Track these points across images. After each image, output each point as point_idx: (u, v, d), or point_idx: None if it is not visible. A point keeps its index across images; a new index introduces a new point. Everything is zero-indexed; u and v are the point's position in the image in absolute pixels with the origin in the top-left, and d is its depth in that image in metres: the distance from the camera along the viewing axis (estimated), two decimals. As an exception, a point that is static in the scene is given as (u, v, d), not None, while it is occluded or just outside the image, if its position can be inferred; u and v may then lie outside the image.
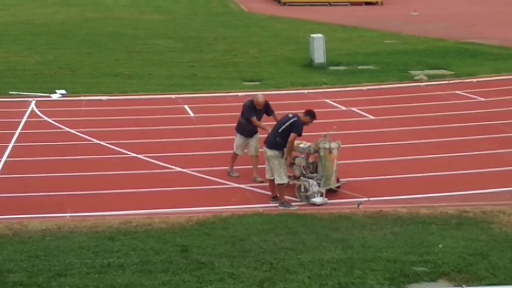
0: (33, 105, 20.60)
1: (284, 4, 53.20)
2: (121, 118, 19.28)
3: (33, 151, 16.10)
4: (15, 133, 17.48)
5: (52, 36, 35.74)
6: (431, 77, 24.84)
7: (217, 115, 19.34)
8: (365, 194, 12.81)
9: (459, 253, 10.22)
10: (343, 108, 20.39)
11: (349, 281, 9.38)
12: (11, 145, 16.50)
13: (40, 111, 19.89)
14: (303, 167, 13.15)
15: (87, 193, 13.31)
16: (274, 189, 12.86)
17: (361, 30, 38.26)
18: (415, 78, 24.85)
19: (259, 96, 14.28)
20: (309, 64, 27.14)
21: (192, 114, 19.74)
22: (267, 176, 12.99)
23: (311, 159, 13.25)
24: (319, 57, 26.85)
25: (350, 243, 10.68)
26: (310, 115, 12.91)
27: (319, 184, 12.82)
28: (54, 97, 21.92)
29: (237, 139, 14.30)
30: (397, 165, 14.95)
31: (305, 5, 52.36)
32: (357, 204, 12.47)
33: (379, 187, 13.54)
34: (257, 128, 14.10)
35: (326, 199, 12.76)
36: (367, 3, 53.03)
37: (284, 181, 12.66)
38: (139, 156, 15.56)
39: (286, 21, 43.34)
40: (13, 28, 38.49)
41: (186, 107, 20.51)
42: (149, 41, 34.36)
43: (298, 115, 12.84)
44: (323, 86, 23.71)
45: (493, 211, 12.08)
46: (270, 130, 13.20)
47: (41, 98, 21.54)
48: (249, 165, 14.18)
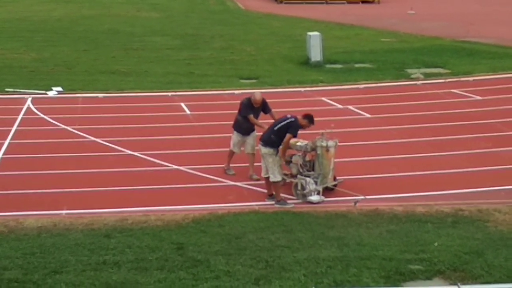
0: (29, 102, 20.57)
1: (281, 2, 53.14)
2: (117, 116, 19.26)
3: (29, 148, 16.08)
4: (11, 130, 17.45)
5: (48, 33, 35.69)
6: (427, 76, 24.86)
7: (213, 112, 19.33)
8: (361, 192, 12.81)
9: (455, 252, 10.23)
10: (340, 106, 20.39)
11: (344, 279, 9.39)
12: (7, 142, 16.47)
13: (36, 108, 19.86)
14: (300, 165, 13.15)
15: (83, 191, 13.30)
16: (270, 187, 12.87)
17: (358, 28, 38.26)
18: (412, 76, 24.87)
19: (256, 94, 14.29)
20: (305, 62, 27.13)
21: (188, 112, 19.73)
22: (263, 174, 13.02)
23: (308, 157, 13.25)
24: (315, 55, 26.85)
25: (346, 241, 10.68)
26: (308, 119, 12.91)
27: (316, 182, 12.82)
28: (50, 94, 21.90)
29: (234, 136, 14.30)
30: (393, 163, 14.96)
31: (301, 3, 52.32)
32: (354, 202, 12.48)
33: (375, 185, 13.54)
34: (254, 126, 14.10)
35: (323, 197, 12.76)
36: (363, 1, 52.97)
37: (278, 179, 12.66)
38: (135, 153, 15.55)
39: (283, 19, 43.32)
40: (9, 25, 38.42)
41: (183, 104, 20.49)
42: (146, 39, 34.33)
43: (296, 117, 12.87)
44: (320, 84, 23.71)
45: (488, 209, 12.10)
46: (267, 128, 13.22)
47: (38, 95, 21.51)
48: (245, 163, 14.18)
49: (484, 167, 14.59)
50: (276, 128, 12.78)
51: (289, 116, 12.94)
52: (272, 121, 13.61)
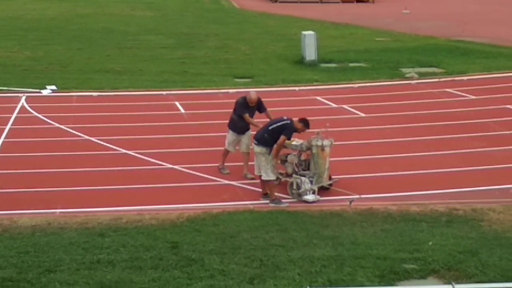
0: (23, 100, 20.51)
1: (275, 1, 53.12)
2: (111, 114, 19.23)
3: (23, 147, 16.04)
4: (5, 128, 17.40)
5: (42, 32, 35.61)
6: (422, 75, 24.87)
7: (208, 111, 19.30)
8: (355, 191, 12.82)
9: (449, 251, 10.25)
10: (334, 105, 20.39)
11: (339, 278, 9.39)
12: (0, 141, 16.43)
13: (30, 106, 19.81)
14: (295, 164, 13.16)
15: (77, 190, 13.27)
16: (265, 186, 12.87)
17: (352, 28, 38.28)
18: (406, 75, 24.89)
19: (251, 93, 14.30)
20: (300, 61, 27.13)
21: (183, 111, 19.71)
22: (256, 172, 13.04)
23: (303, 157, 13.26)
24: (310, 54, 26.85)
25: (340, 240, 10.69)
26: (304, 123, 12.91)
27: (311, 182, 12.82)
28: (45, 92, 21.84)
29: (229, 135, 14.30)
30: (387, 162, 14.97)
31: (296, 2, 52.32)
32: (349, 202, 12.48)
33: (369, 184, 13.55)
34: (249, 125, 14.11)
35: (318, 197, 12.76)
36: (358, 1, 52.94)
37: (270, 177, 12.67)
38: (130, 152, 15.52)
39: (278, 18, 43.31)
40: (3, 24, 38.31)
41: (177, 103, 20.47)
42: (141, 37, 34.28)
43: (292, 119, 12.87)
44: (315, 83, 23.70)
45: (483, 209, 12.12)
46: (261, 126, 13.23)
47: (32, 94, 21.45)
48: (240, 162, 14.18)
49: (478, 167, 14.62)
50: (270, 128, 12.79)
51: (285, 117, 12.95)
52: (268, 120, 13.63)
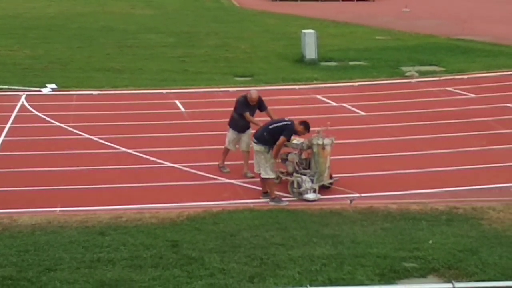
0: (23, 99, 20.51)
1: (275, -1, 53.19)
2: (111, 113, 19.23)
3: (23, 145, 16.03)
4: (5, 127, 17.40)
5: (42, 30, 35.62)
6: (422, 74, 24.88)
7: (208, 110, 19.31)
8: (355, 190, 12.82)
9: (449, 249, 10.25)
10: (334, 104, 20.39)
11: (339, 276, 9.39)
12: (0, 139, 16.43)
13: (30, 105, 19.81)
14: (296, 163, 13.15)
15: (77, 188, 13.27)
16: (265, 184, 12.86)
17: (352, 26, 38.29)
18: (406, 74, 24.89)
19: (252, 92, 14.29)
20: (300, 60, 27.14)
21: (183, 109, 19.71)
22: (256, 170, 13.04)
23: (304, 155, 13.25)
24: (310, 52, 26.86)
25: (340, 239, 10.68)
26: (305, 125, 12.87)
27: (312, 181, 12.82)
28: (45, 91, 21.84)
29: (230, 134, 14.29)
30: (387, 161, 14.97)
31: (296, 0, 52.32)
32: (350, 200, 12.48)
33: (369, 183, 13.55)
34: (249, 123, 14.11)
35: (319, 196, 12.75)
36: (358, -1, 53.06)
37: (269, 175, 12.67)
38: (130, 151, 15.52)
39: (278, 16, 43.32)
40: (3, 22, 38.33)
41: (177, 102, 20.47)
42: (141, 36, 34.29)
43: (293, 121, 12.88)
44: (315, 82, 23.71)
45: (483, 207, 12.12)
46: (262, 125, 13.23)
47: (32, 92, 21.45)
48: (240, 161, 14.18)
49: (478, 165, 14.61)
50: (270, 127, 12.80)
51: (286, 119, 12.99)
52: (269, 119, 13.64)
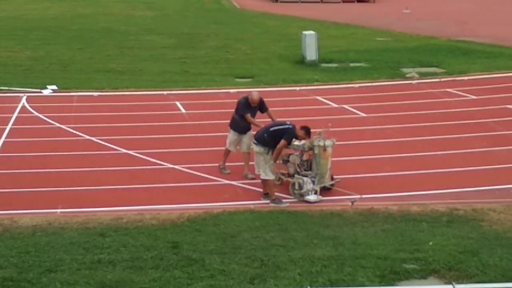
0: (24, 100, 20.52)
1: (276, 1, 53.16)
2: (112, 114, 19.23)
3: (24, 146, 16.04)
4: (5, 128, 17.41)
5: (43, 32, 35.61)
6: (422, 75, 24.87)
7: (208, 111, 19.31)
8: (356, 191, 12.82)
9: (450, 251, 10.25)
10: (335, 105, 20.39)
11: (339, 278, 9.39)
12: (1, 140, 16.43)
13: (31, 106, 19.82)
14: (297, 164, 13.16)
15: (78, 189, 13.27)
16: (265, 185, 12.86)
17: (353, 28, 38.28)
18: (407, 75, 24.88)
19: (253, 93, 14.31)
20: (301, 61, 27.14)
21: (183, 111, 19.71)
22: (256, 171, 13.05)
23: (305, 157, 13.25)
24: (311, 54, 26.85)
25: (341, 240, 10.69)
26: (306, 130, 12.89)
27: (313, 182, 12.82)
28: (45, 92, 21.85)
29: (230, 135, 14.30)
30: (388, 162, 14.97)
31: (297, 2, 52.34)
32: (351, 202, 12.48)
33: (370, 184, 13.54)
34: (250, 125, 14.12)
35: (320, 197, 12.75)
36: (359, 1, 52.97)
37: (269, 177, 12.67)
38: (130, 152, 15.53)
39: (278, 18, 43.32)
40: (4, 24, 38.32)
41: (178, 103, 20.47)
42: (141, 37, 34.29)
43: (295, 125, 12.89)
44: (315, 83, 23.70)
45: (483, 209, 12.12)
46: (263, 126, 13.25)
47: (32, 94, 21.45)
48: (240, 162, 14.18)
49: (479, 167, 14.62)
50: (271, 130, 12.83)
51: (288, 122, 13.00)
52: (270, 121, 13.65)
